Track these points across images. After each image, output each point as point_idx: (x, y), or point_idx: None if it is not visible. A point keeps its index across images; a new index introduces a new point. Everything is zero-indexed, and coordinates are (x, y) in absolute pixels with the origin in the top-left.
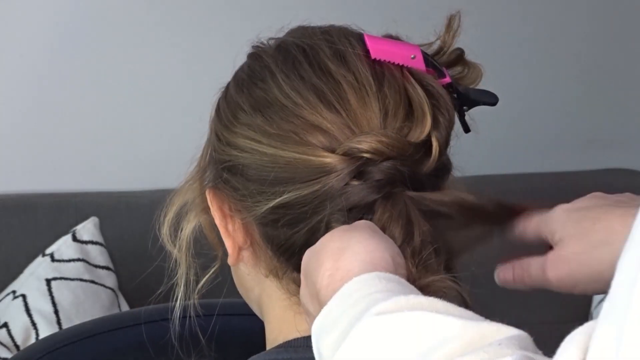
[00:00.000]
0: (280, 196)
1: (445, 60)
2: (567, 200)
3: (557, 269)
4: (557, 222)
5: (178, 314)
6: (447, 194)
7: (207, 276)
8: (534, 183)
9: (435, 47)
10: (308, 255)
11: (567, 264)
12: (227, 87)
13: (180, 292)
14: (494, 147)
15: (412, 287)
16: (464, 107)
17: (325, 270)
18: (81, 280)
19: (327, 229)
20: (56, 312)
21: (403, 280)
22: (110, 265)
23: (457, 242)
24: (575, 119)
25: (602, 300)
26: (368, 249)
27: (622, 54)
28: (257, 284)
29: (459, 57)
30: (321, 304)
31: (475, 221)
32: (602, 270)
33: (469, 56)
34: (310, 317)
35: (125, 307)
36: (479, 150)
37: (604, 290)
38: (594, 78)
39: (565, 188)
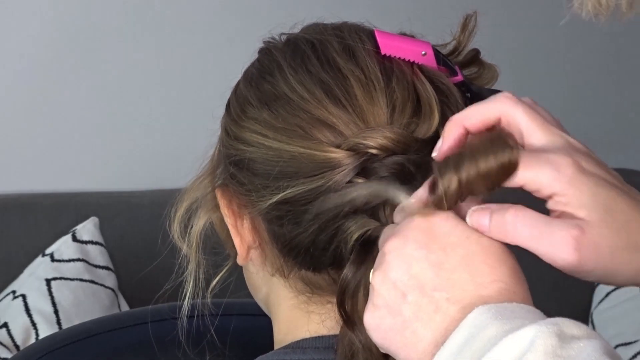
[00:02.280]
0: (284, 191)
1: (461, 60)
2: None
3: (587, 253)
4: (583, 193)
5: (186, 312)
6: None
7: (220, 274)
8: None
9: (450, 47)
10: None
11: (601, 256)
12: (238, 83)
13: (189, 289)
14: None
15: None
16: None
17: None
18: (81, 280)
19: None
20: (56, 312)
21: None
22: (110, 266)
23: None
24: (576, 119)
25: (602, 300)
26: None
27: (622, 54)
28: (264, 283)
29: (474, 58)
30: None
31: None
32: (620, 270)
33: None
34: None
35: (125, 307)
36: None
37: (612, 284)
38: (594, 78)
39: None
